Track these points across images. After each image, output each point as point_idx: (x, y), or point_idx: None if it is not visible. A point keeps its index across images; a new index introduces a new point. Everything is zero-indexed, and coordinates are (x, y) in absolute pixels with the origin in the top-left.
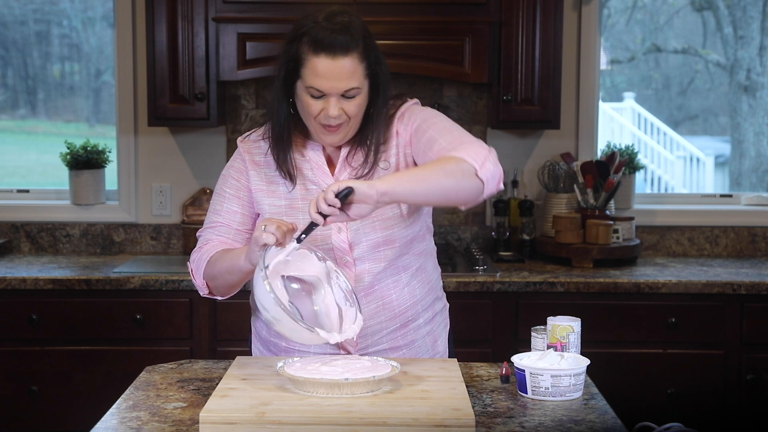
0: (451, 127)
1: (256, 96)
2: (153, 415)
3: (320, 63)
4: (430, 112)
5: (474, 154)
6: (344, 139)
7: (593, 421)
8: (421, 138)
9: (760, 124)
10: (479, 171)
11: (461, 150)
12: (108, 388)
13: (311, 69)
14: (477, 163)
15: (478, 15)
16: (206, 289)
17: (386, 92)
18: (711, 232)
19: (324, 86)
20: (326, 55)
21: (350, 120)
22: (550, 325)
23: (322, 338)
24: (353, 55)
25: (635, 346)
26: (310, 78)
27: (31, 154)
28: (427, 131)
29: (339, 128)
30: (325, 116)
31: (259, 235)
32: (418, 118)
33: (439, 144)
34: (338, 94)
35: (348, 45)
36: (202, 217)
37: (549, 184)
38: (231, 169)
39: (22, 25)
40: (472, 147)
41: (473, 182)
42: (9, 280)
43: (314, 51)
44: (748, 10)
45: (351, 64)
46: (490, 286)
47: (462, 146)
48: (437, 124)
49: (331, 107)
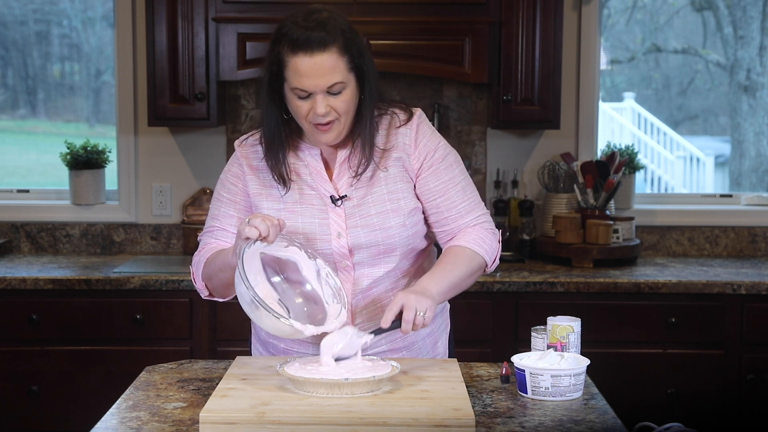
0: (467, 188)
1: (256, 96)
2: (153, 415)
3: (300, 62)
4: (449, 154)
5: (489, 250)
6: (339, 137)
7: (593, 421)
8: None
9: (760, 124)
10: (488, 267)
11: (479, 242)
12: (108, 388)
13: (293, 70)
14: (490, 260)
15: (478, 15)
16: (206, 291)
17: (374, 85)
18: (711, 232)
19: (307, 85)
20: (304, 53)
21: (341, 117)
22: (550, 325)
23: (297, 330)
24: (331, 50)
25: (635, 346)
26: (293, 79)
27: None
28: (450, 188)
29: (331, 126)
30: (314, 115)
31: (242, 228)
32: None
33: (458, 209)
34: (323, 91)
35: (324, 40)
36: (202, 217)
37: (549, 184)
38: (228, 174)
39: (22, 25)
40: (488, 237)
41: (479, 274)
42: (9, 280)
43: (292, 51)
44: (748, 10)
45: (330, 59)
46: (490, 286)
47: (478, 231)
48: (458, 181)
49: (318, 105)
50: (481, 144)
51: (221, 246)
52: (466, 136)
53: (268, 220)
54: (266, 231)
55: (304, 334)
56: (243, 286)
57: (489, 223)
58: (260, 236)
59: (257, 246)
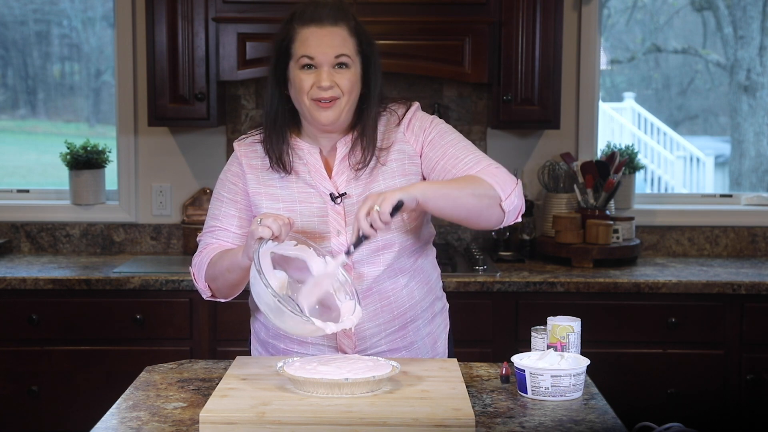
0: (470, 147)
1: (256, 96)
2: (153, 415)
3: (309, 32)
4: (443, 125)
5: (503, 183)
6: (338, 119)
7: (593, 421)
8: (438, 152)
9: (760, 124)
10: (504, 202)
11: (490, 174)
12: (108, 388)
13: (301, 41)
14: (504, 194)
15: (478, 15)
16: (209, 292)
17: (378, 80)
18: (711, 232)
19: (315, 52)
20: (315, 25)
21: (343, 95)
22: (550, 325)
23: (318, 328)
24: (342, 26)
25: (635, 346)
26: (300, 48)
27: (31, 154)
28: (448, 148)
29: (332, 104)
30: (317, 90)
31: (255, 228)
32: (432, 131)
33: (464, 162)
34: (329, 62)
35: (335, 16)
36: (202, 217)
37: (549, 184)
38: (228, 173)
39: (22, 25)
40: (501, 174)
41: (496, 211)
42: (9, 280)
43: (302, 24)
44: (748, 10)
45: (340, 32)
46: (490, 286)
47: (489, 169)
48: (457, 142)
49: (323, 76)
50: (481, 144)
51: (223, 246)
52: (466, 136)
53: (280, 220)
54: (278, 230)
55: (325, 332)
56: (262, 285)
57: (503, 169)
58: (273, 236)
59: (268, 245)
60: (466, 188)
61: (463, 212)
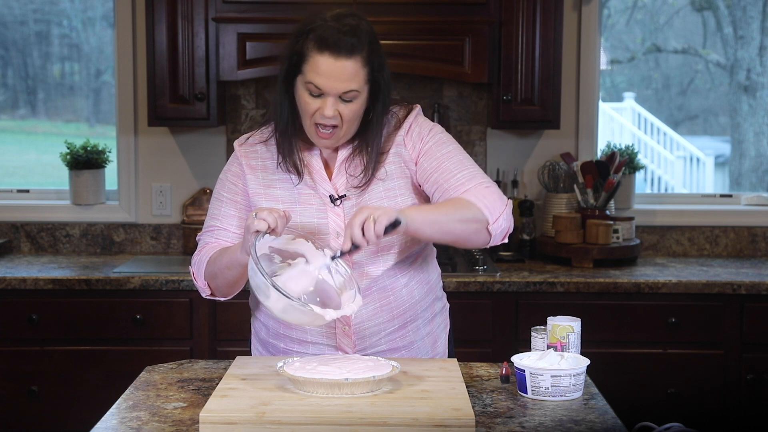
0: (465, 161)
1: (256, 96)
2: (153, 415)
3: (323, 61)
4: (442, 135)
5: (491, 206)
6: (335, 144)
7: (593, 421)
8: (433, 163)
9: (760, 124)
10: (491, 225)
11: (480, 196)
12: (108, 388)
13: (313, 66)
14: (492, 217)
15: (478, 15)
16: (208, 290)
17: (387, 99)
18: (711, 232)
19: (324, 85)
20: (330, 54)
21: (344, 125)
22: (550, 325)
23: (318, 315)
24: (357, 58)
25: (635, 346)
26: (310, 74)
27: (31, 154)
28: (443, 161)
29: (332, 134)
30: (321, 116)
31: (251, 222)
32: (429, 140)
33: (457, 178)
34: (336, 94)
35: (353, 47)
36: (202, 217)
37: (549, 184)
38: (228, 173)
39: (22, 25)
40: (491, 195)
41: (482, 235)
42: (9, 280)
43: (319, 49)
44: (748, 10)
45: (353, 66)
46: (490, 286)
47: (479, 189)
48: (453, 155)
49: (328, 107)
50: (481, 144)
51: (222, 245)
52: (466, 136)
53: (275, 212)
54: (274, 223)
55: (325, 319)
56: (260, 277)
57: (495, 188)
58: (269, 228)
59: (266, 240)
60: (454, 214)
61: (449, 237)
